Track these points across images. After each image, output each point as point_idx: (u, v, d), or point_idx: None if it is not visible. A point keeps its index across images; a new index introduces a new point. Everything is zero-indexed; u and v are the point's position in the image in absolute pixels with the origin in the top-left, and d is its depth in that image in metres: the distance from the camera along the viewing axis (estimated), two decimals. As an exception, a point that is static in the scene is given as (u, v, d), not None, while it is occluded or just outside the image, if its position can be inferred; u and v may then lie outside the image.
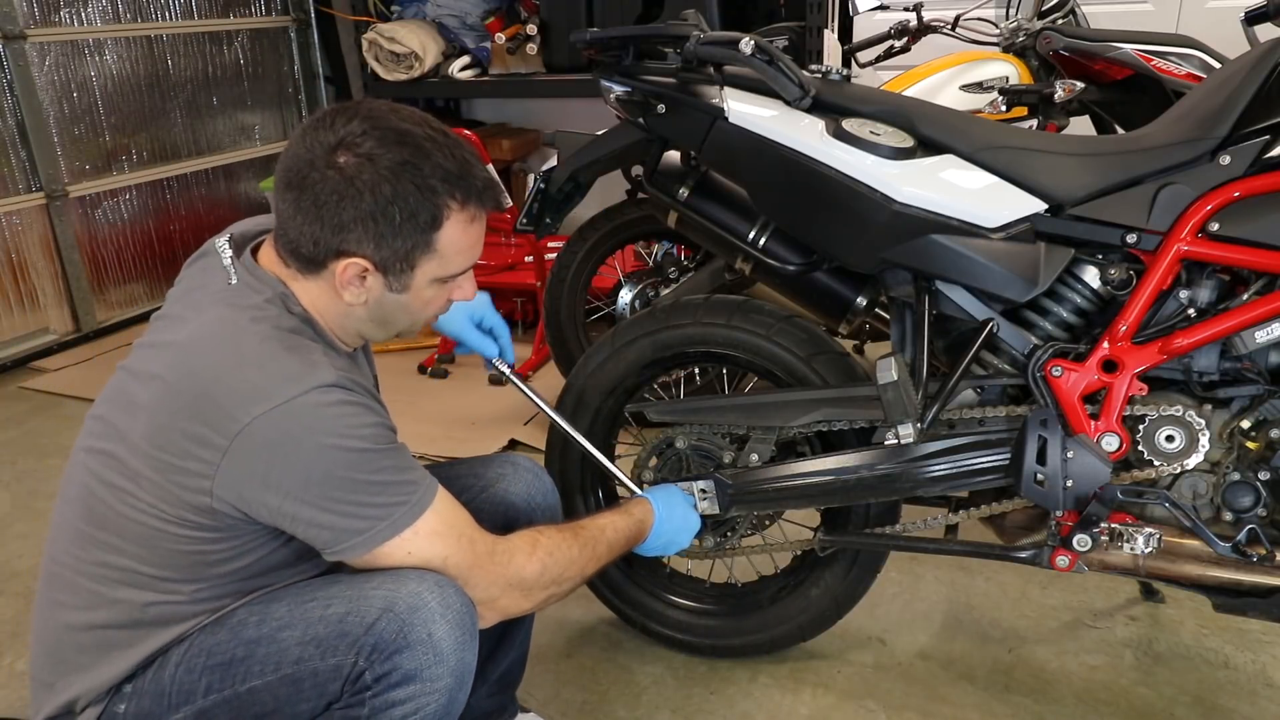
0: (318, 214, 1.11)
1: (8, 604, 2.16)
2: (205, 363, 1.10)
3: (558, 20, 3.70)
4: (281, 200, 1.13)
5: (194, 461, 1.08)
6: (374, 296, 1.17)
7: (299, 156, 1.11)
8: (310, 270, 1.16)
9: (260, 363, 1.09)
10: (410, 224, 1.12)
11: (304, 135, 1.12)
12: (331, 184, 1.09)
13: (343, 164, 1.09)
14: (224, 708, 1.14)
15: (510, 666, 1.58)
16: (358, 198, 1.09)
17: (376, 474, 1.11)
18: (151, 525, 1.12)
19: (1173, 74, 2.46)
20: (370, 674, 1.10)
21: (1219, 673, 1.82)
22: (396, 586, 1.12)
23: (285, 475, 1.08)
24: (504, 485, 1.50)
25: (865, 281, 1.67)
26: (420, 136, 1.12)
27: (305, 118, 1.15)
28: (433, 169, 1.11)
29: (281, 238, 1.16)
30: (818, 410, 1.59)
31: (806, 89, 1.51)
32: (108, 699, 1.17)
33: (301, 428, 1.07)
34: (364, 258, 1.13)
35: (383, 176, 1.09)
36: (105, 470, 1.14)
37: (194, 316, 1.16)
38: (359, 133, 1.10)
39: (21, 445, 2.96)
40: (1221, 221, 1.37)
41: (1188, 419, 1.42)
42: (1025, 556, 1.54)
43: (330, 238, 1.11)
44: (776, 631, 1.82)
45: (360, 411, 1.11)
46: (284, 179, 1.13)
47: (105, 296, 3.92)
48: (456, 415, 3.00)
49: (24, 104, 3.48)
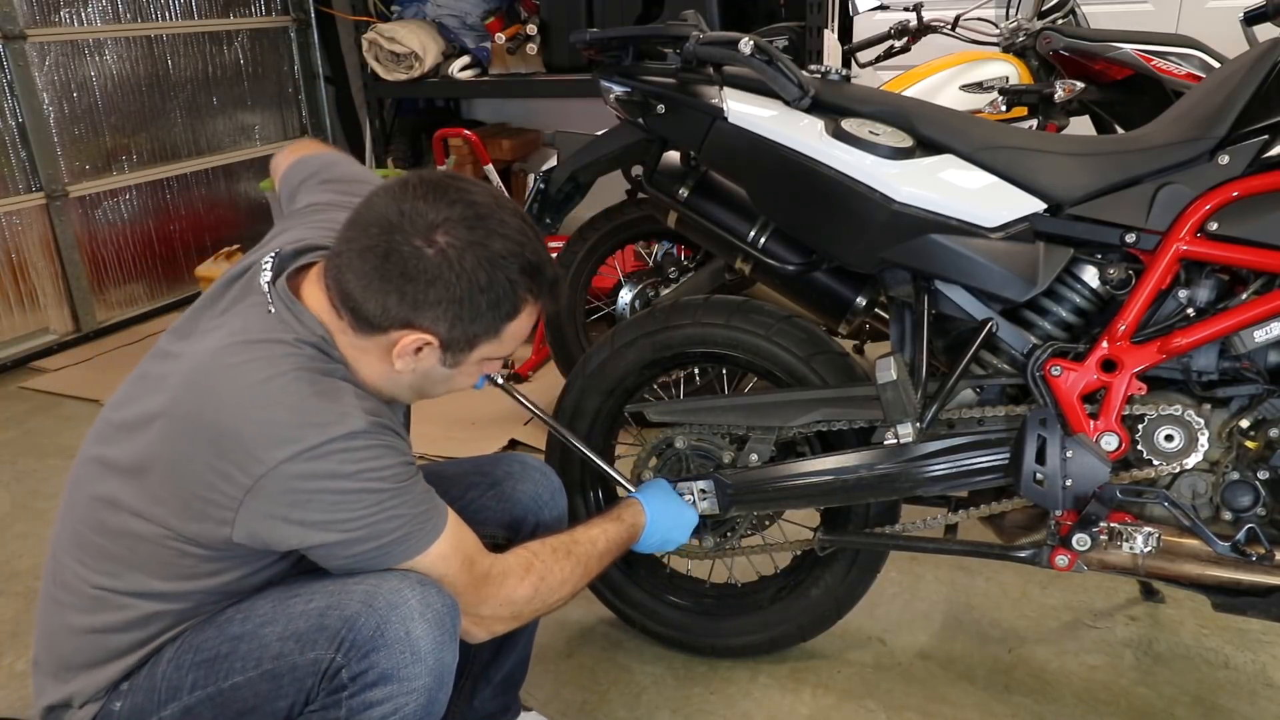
0: (402, 286, 1.09)
1: (8, 604, 2.16)
2: (229, 396, 1.09)
3: (558, 20, 3.70)
4: (359, 259, 1.10)
5: (217, 494, 1.08)
6: (424, 368, 1.17)
7: (391, 223, 1.09)
8: (365, 331, 1.14)
9: (290, 405, 1.08)
10: (492, 312, 1.14)
11: (397, 200, 1.11)
12: (427, 262, 1.08)
13: (444, 244, 1.09)
14: (208, 704, 1.14)
15: (513, 669, 1.59)
16: (454, 282, 1.09)
17: (394, 510, 1.13)
18: (165, 545, 1.13)
19: (1173, 74, 2.46)
20: (347, 671, 1.10)
21: (1219, 673, 1.82)
22: (378, 583, 1.12)
23: (306, 515, 1.09)
24: (511, 484, 1.51)
25: (865, 281, 1.67)
26: (515, 229, 1.13)
27: (398, 179, 1.14)
28: (523, 264, 1.13)
29: (339, 290, 1.13)
30: (817, 410, 1.59)
31: (806, 89, 1.51)
32: (105, 696, 1.18)
33: (326, 473, 1.08)
34: (433, 334, 1.13)
35: (481, 265, 1.10)
36: (118, 488, 1.14)
37: (215, 332, 1.15)
38: (460, 217, 1.10)
39: (21, 445, 2.96)
40: (1220, 221, 1.37)
41: (1187, 418, 1.42)
42: (1025, 556, 1.54)
43: (406, 310, 1.11)
44: (776, 631, 1.82)
45: (383, 453, 1.11)
46: (367, 240, 1.10)
47: (105, 296, 3.93)
48: (456, 415, 3.00)
49: (24, 104, 3.48)
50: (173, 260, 4.18)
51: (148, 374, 1.20)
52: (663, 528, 1.52)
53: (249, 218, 4.46)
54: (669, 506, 1.54)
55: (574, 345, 2.78)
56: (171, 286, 4.19)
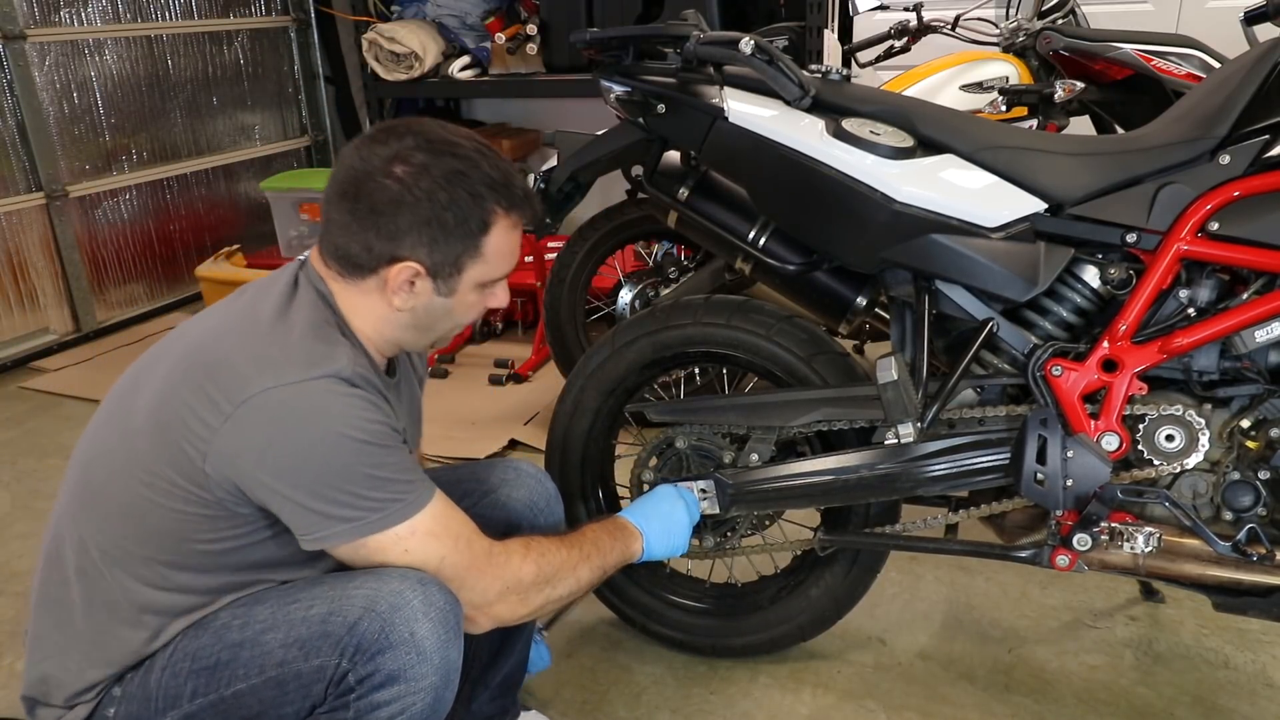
0: (375, 221, 1.16)
1: (8, 604, 2.16)
2: (226, 335, 1.16)
3: (558, 20, 3.70)
4: (335, 210, 1.18)
5: (196, 422, 1.10)
6: (421, 301, 1.21)
7: (355, 168, 1.17)
8: (359, 276, 1.20)
9: (283, 342, 1.14)
10: (462, 228, 1.18)
11: (358, 149, 1.18)
12: (390, 193, 1.15)
13: (400, 174, 1.15)
14: (209, 712, 1.14)
15: (511, 671, 1.59)
16: (415, 205, 1.15)
17: (375, 469, 1.12)
18: (139, 493, 1.13)
19: (1173, 74, 2.46)
20: (354, 675, 1.10)
21: (1219, 673, 1.82)
22: (379, 585, 1.12)
23: (283, 453, 1.09)
24: (506, 491, 1.51)
25: (865, 281, 1.67)
26: (469, 148, 1.18)
27: (357, 136, 1.23)
28: (481, 177, 1.18)
29: (329, 246, 1.20)
30: (818, 410, 1.59)
31: (806, 89, 1.51)
32: (97, 700, 1.17)
33: (309, 408, 1.09)
34: (417, 262, 1.18)
35: (438, 184, 1.15)
36: (110, 443, 1.18)
37: (224, 304, 1.24)
38: (412, 146, 1.16)
39: (21, 445, 2.96)
40: (1221, 221, 1.37)
41: (1187, 418, 1.42)
42: (1025, 556, 1.54)
43: (385, 244, 1.17)
44: (776, 631, 1.82)
45: (368, 407, 1.13)
46: (339, 189, 1.18)
47: (105, 296, 3.93)
48: (456, 415, 3.00)
49: (24, 104, 3.48)
50: (173, 260, 4.18)
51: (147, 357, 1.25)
52: (660, 550, 1.50)
53: (249, 218, 4.46)
54: (668, 526, 1.51)
55: (574, 345, 2.78)
56: (171, 286, 4.20)
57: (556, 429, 1.82)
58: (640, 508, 1.53)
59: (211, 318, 1.23)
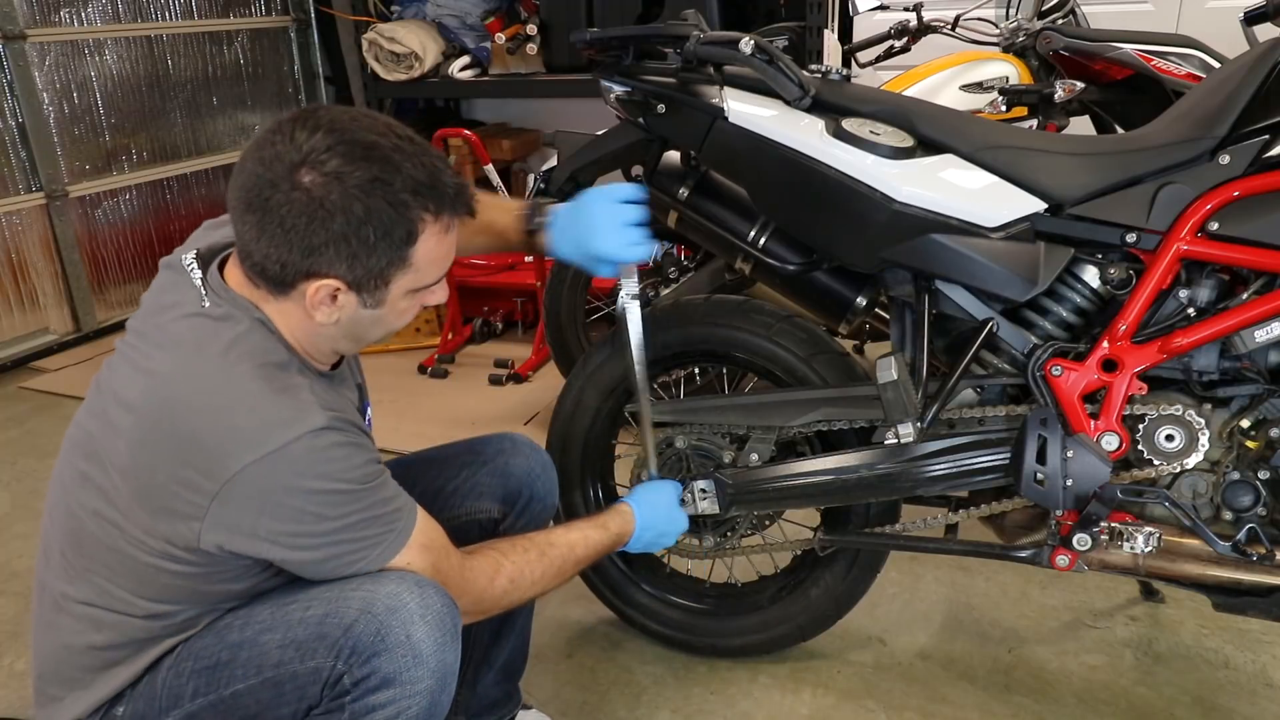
0: (285, 237, 1.04)
1: (8, 604, 2.16)
2: (190, 403, 1.06)
3: (558, 20, 3.70)
4: (242, 223, 1.07)
5: (182, 504, 1.06)
6: (347, 315, 1.12)
7: (257, 175, 1.04)
8: (279, 291, 1.10)
9: (250, 407, 1.06)
10: (385, 242, 1.06)
11: (259, 150, 1.05)
12: (298, 206, 1.03)
13: (308, 184, 1.02)
14: (209, 712, 1.14)
15: (513, 654, 1.59)
16: (328, 219, 1.03)
17: (366, 510, 1.11)
18: (140, 560, 1.11)
19: (1173, 74, 2.45)
20: (349, 677, 1.10)
21: (1219, 673, 1.82)
22: (375, 588, 1.11)
23: (276, 523, 1.07)
24: (504, 460, 1.52)
25: (865, 281, 1.66)
26: (388, 148, 1.05)
27: (257, 128, 1.07)
28: (404, 182, 1.05)
29: (246, 259, 1.10)
30: (818, 410, 1.59)
31: (806, 89, 1.51)
32: (108, 705, 1.18)
33: (294, 473, 1.05)
34: (336, 278, 1.07)
35: (353, 195, 1.03)
36: (91, 498, 1.13)
37: (171, 345, 1.11)
38: (322, 148, 1.03)
39: (21, 445, 2.96)
40: (1221, 221, 1.37)
41: (1187, 418, 1.42)
42: (1025, 556, 1.54)
43: (299, 260, 1.05)
44: (776, 631, 1.82)
45: (351, 452, 1.09)
46: (243, 200, 1.06)
47: (105, 296, 3.93)
48: (456, 415, 3.00)
49: (24, 104, 3.48)
50: (173, 260, 4.17)
51: (102, 384, 1.17)
52: (649, 536, 1.51)
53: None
54: (659, 513, 1.53)
55: (574, 345, 2.78)
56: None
57: (556, 429, 1.82)
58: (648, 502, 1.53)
59: (146, 367, 1.11)
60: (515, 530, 1.52)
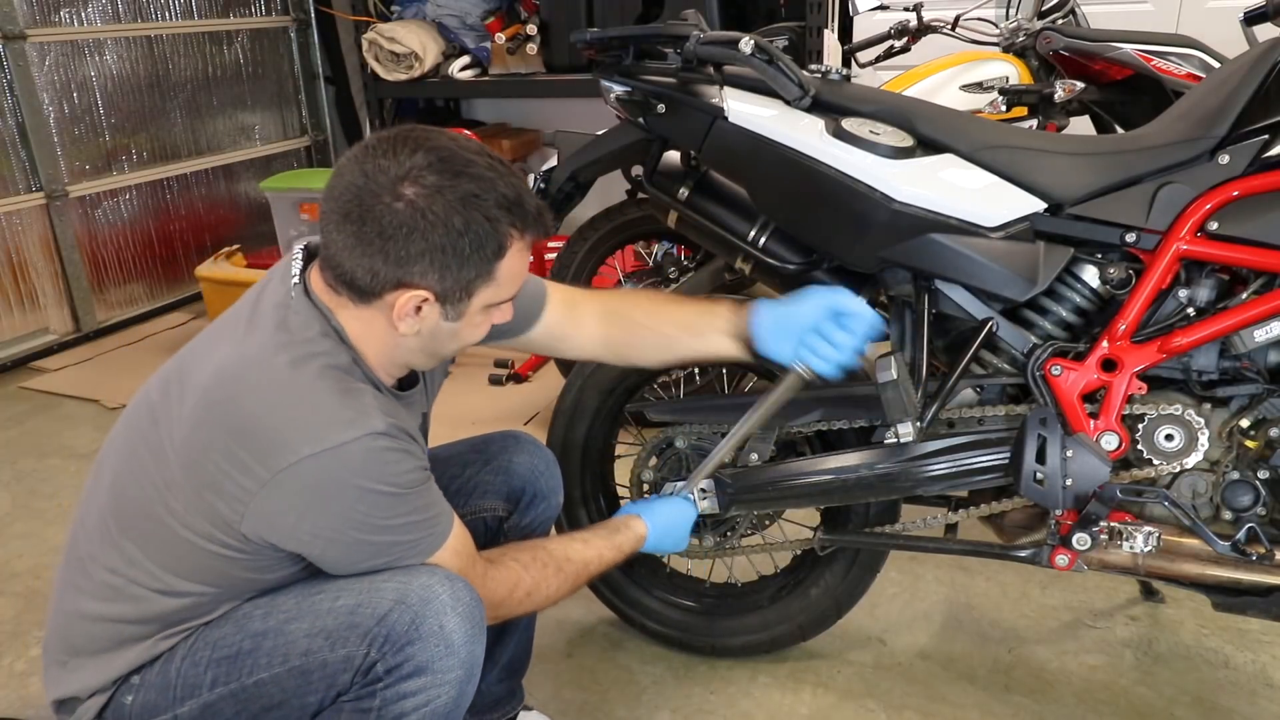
0: (382, 246, 1.08)
1: (8, 604, 2.16)
2: (256, 388, 1.10)
3: (558, 20, 3.70)
4: (338, 231, 1.10)
5: (231, 484, 1.09)
6: (428, 327, 1.16)
7: (359, 186, 1.08)
8: (363, 300, 1.14)
9: (315, 403, 1.09)
10: (477, 255, 1.11)
11: (360, 163, 1.09)
12: (400, 216, 1.07)
13: (411, 195, 1.07)
14: (230, 700, 1.15)
15: (516, 651, 1.60)
16: (429, 230, 1.08)
17: (409, 515, 1.15)
18: (179, 534, 1.13)
19: (1173, 74, 2.46)
20: (382, 665, 1.12)
21: (1219, 673, 1.82)
22: (408, 579, 1.14)
23: (321, 519, 1.10)
24: (507, 457, 1.55)
25: (865, 281, 1.66)
26: (482, 166, 1.11)
27: (358, 144, 1.13)
28: (497, 199, 1.11)
29: (333, 267, 1.13)
30: (818, 410, 1.59)
31: (806, 89, 1.51)
32: (115, 688, 1.18)
33: (347, 472, 1.08)
34: (425, 289, 1.11)
35: (453, 208, 1.08)
36: (142, 467, 1.16)
37: (253, 332, 1.15)
38: (423, 164, 1.08)
39: (21, 445, 2.96)
40: (1220, 220, 1.37)
41: (1187, 418, 1.42)
42: (1025, 555, 1.54)
43: (392, 270, 1.10)
44: (776, 631, 1.82)
45: (402, 458, 1.13)
46: (341, 209, 1.09)
47: (105, 296, 3.93)
48: (457, 415, 3.00)
49: (24, 104, 3.48)
50: (173, 260, 4.18)
51: (183, 355, 1.21)
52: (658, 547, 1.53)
53: (249, 218, 4.46)
54: (670, 536, 1.53)
55: (574, 345, 2.77)
56: (171, 286, 4.19)
57: (556, 429, 1.83)
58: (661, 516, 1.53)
59: (220, 351, 1.16)
60: (521, 527, 1.54)
